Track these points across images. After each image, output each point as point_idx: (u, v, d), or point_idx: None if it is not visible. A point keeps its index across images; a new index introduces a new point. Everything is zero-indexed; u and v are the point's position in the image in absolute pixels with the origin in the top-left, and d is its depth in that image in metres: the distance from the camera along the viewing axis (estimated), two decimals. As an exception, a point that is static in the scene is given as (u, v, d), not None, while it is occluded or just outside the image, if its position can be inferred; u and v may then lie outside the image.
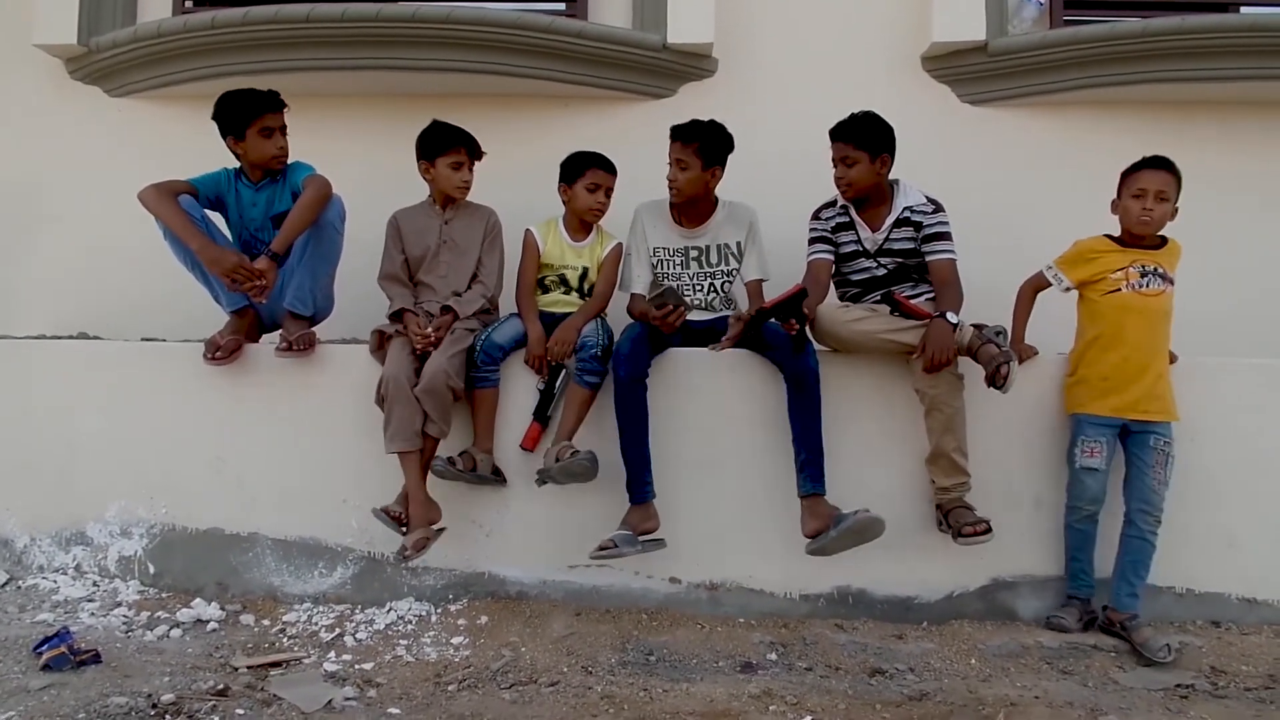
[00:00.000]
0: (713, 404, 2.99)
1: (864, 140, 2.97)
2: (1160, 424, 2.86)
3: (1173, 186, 2.89)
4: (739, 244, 3.17)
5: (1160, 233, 2.95)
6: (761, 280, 3.18)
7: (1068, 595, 2.89)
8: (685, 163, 3.03)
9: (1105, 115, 3.73)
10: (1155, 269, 2.90)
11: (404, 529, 2.82)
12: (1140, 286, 2.89)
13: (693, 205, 3.14)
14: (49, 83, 3.93)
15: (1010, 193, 3.22)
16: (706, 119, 3.07)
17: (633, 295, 3.16)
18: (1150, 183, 2.88)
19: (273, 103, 3.06)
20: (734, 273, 3.18)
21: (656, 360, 2.95)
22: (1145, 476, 2.82)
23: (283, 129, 3.09)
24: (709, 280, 3.17)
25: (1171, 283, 2.93)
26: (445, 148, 3.10)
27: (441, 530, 2.83)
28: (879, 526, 2.70)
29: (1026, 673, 2.58)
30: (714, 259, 3.16)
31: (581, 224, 3.18)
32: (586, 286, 3.17)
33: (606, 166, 3.13)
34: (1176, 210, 2.92)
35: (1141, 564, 2.79)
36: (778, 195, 3.31)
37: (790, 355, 2.85)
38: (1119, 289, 2.89)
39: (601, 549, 2.73)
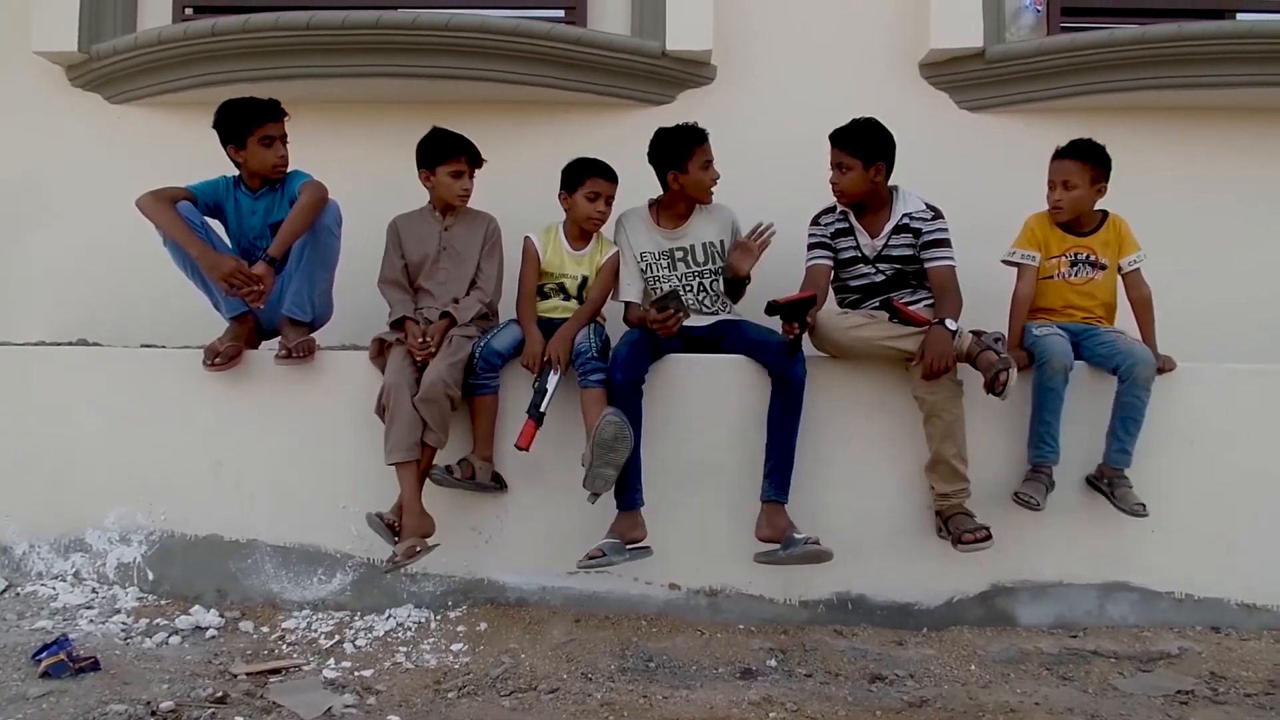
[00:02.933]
0: (711, 409, 3.00)
1: (858, 148, 2.98)
2: (1107, 327, 3.04)
3: (1080, 173, 3.02)
4: (723, 242, 3.18)
5: (1099, 208, 3.09)
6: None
7: (1033, 466, 2.88)
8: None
9: (1103, 122, 3.72)
10: (1086, 257, 3.07)
11: (396, 538, 2.81)
12: (1069, 276, 3.07)
13: (689, 208, 3.16)
14: (49, 89, 3.93)
15: (1008, 199, 3.22)
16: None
17: (628, 304, 3.17)
18: (1055, 173, 3.06)
19: (274, 111, 3.06)
20: (720, 271, 3.19)
21: (654, 366, 2.96)
22: (1117, 345, 2.91)
23: (283, 138, 3.09)
24: (698, 279, 3.17)
25: (1103, 268, 3.06)
26: (446, 156, 3.10)
27: (434, 546, 2.80)
28: (826, 557, 2.72)
29: (1026, 679, 2.58)
30: (700, 257, 3.17)
31: (581, 232, 3.19)
32: (585, 294, 3.17)
33: (607, 175, 3.12)
34: (1102, 190, 3.05)
35: (1132, 420, 2.83)
36: (776, 201, 3.31)
37: (782, 359, 2.86)
38: (1053, 275, 3.08)
39: (590, 558, 2.71)
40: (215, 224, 3.16)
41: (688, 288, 3.17)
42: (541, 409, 2.84)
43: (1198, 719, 2.30)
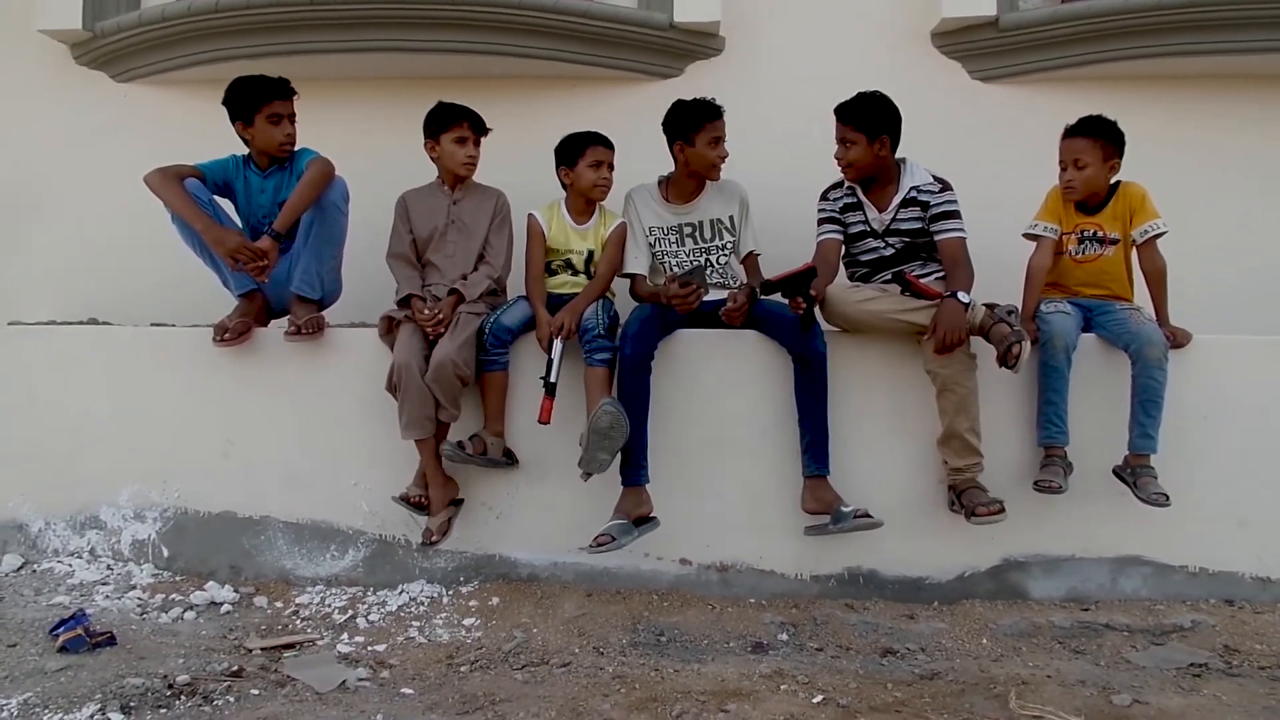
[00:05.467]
0: (722, 384, 2.99)
1: (862, 122, 2.95)
2: (1120, 300, 3.00)
3: (1092, 151, 2.96)
4: (731, 218, 3.17)
5: (1116, 179, 3.03)
6: (757, 254, 3.21)
7: (1046, 450, 2.87)
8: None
9: (1118, 91, 3.68)
10: (1093, 233, 3.03)
11: (426, 512, 2.84)
12: (1076, 254, 3.05)
13: (703, 181, 3.15)
14: (54, 68, 3.92)
15: (1021, 170, 3.18)
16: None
17: (634, 278, 3.16)
18: (1066, 152, 3.00)
19: (281, 90, 3.05)
20: (728, 247, 3.18)
21: (665, 341, 2.95)
22: (1126, 324, 2.87)
23: (291, 116, 3.08)
24: (705, 255, 3.16)
25: (1114, 242, 3.02)
26: (449, 122, 3.09)
27: (461, 502, 2.83)
28: (877, 526, 2.75)
29: (1038, 652, 2.58)
30: (708, 234, 3.16)
31: (586, 205, 3.17)
32: (592, 269, 3.16)
33: (605, 142, 3.13)
34: (1116, 167, 2.99)
35: (1151, 402, 2.78)
36: (786, 173, 3.29)
37: (797, 336, 2.84)
38: (1065, 251, 3.06)
39: (598, 544, 2.72)
40: (225, 203, 3.16)
41: (695, 263, 3.15)
42: (551, 379, 2.83)
43: (1211, 692, 2.29)
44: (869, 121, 2.95)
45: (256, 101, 3.03)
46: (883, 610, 2.85)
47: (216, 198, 3.10)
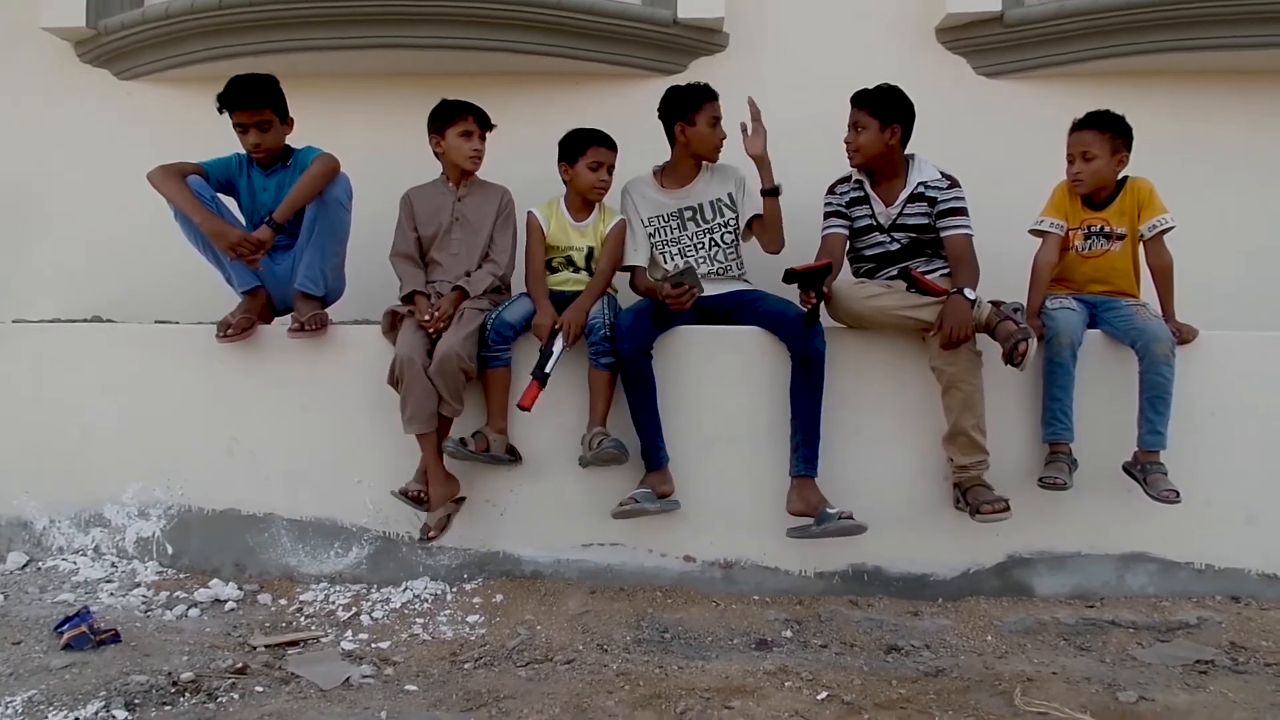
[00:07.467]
0: (725, 381, 2.98)
1: (876, 108, 2.97)
2: (1125, 296, 2.99)
3: (1100, 143, 2.96)
4: (731, 195, 3.19)
5: (1123, 174, 3.02)
6: (759, 215, 3.18)
7: (1051, 447, 2.86)
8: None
9: (1124, 86, 3.66)
10: (1100, 229, 3.01)
11: (425, 507, 2.84)
12: (1084, 249, 3.04)
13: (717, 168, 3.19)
14: (58, 66, 3.92)
15: (1027, 166, 3.17)
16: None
17: (634, 272, 3.16)
18: (1074, 145, 3.00)
19: (240, 100, 3.01)
20: (732, 224, 3.18)
21: (668, 338, 2.95)
22: (1132, 321, 2.87)
23: (260, 125, 3.03)
24: (710, 236, 3.17)
25: (1120, 238, 3.01)
26: (454, 117, 3.09)
27: (462, 500, 2.82)
28: (860, 531, 2.75)
29: (1044, 649, 2.57)
30: (709, 215, 3.17)
31: (584, 202, 3.17)
32: (594, 265, 3.15)
33: (607, 143, 3.12)
34: (1124, 160, 2.98)
35: (1159, 399, 2.77)
36: (789, 170, 3.26)
37: (799, 333, 2.84)
38: (1071, 247, 3.06)
39: (622, 505, 2.77)
40: (229, 201, 3.16)
41: (699, 245, 3.15)
42: (546, 370, 2.82)
43: (1217, 689, 2.28)
44: (884, 108, 2.97)
45: (226, 107, 3.02)
46: (887, 607, 2.84)
47: (220, 195, 3.10)
